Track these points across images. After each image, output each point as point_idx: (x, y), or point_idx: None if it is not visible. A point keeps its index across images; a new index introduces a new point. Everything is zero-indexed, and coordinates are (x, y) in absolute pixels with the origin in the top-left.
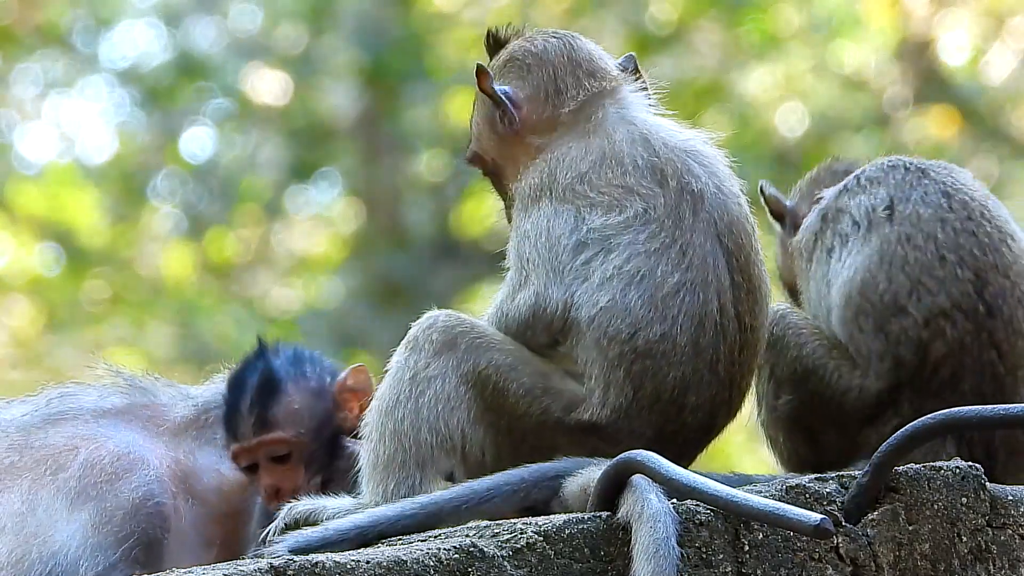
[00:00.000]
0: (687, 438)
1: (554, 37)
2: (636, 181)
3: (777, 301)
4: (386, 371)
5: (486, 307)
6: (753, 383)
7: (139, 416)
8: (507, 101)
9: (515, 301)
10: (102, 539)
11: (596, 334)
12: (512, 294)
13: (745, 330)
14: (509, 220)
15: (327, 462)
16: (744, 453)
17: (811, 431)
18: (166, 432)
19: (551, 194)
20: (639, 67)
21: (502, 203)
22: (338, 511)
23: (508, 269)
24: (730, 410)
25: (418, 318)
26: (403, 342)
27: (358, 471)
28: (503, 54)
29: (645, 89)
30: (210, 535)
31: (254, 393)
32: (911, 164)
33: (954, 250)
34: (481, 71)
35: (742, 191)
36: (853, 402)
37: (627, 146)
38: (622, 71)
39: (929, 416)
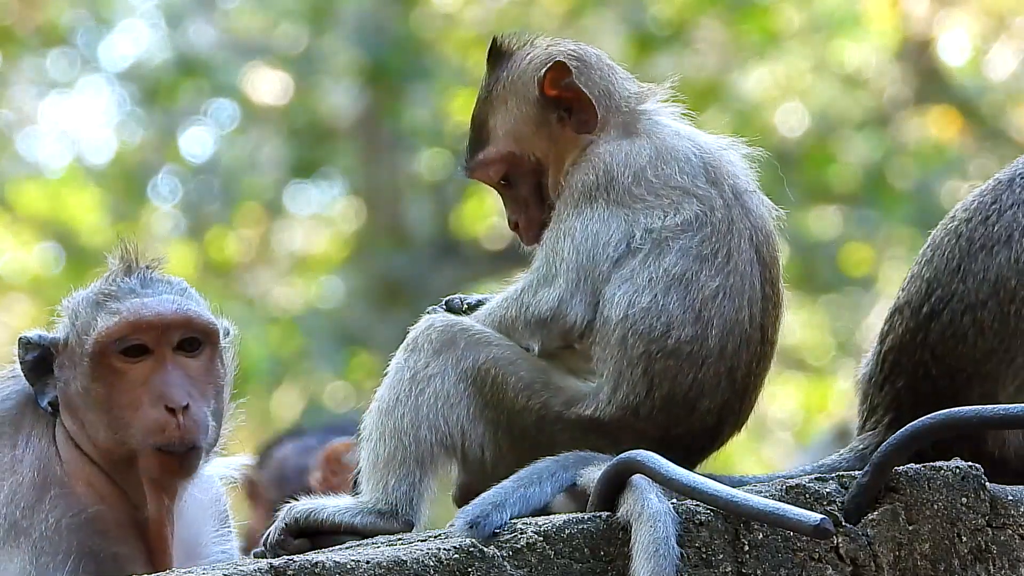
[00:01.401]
0: (691, 442)
1: (583, 45)
2: (691, 181)
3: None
4: (385, 373)
5: (502, 289)
6: None
7: (26, 417)
8: (592, 102)
9: (536, 295)
10: (44, 569)
11: (623, 331)
12: (535, 287)
13: (766, 343)
14: (534, 226)
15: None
16: (744, 453)
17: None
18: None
19: (608, 195)
20: None
21: (522, 210)
22: (338, 510)
23: (536, 258)
24: (738, 420)
25: (416, 321)
26: (402, 345)
27: (357, 472)
28: (535, 58)
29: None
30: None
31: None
32: None
33: (935, 248)
34: (561, 67)
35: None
36: (859, 382)
37: (676, 141)
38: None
39: (929, 416)
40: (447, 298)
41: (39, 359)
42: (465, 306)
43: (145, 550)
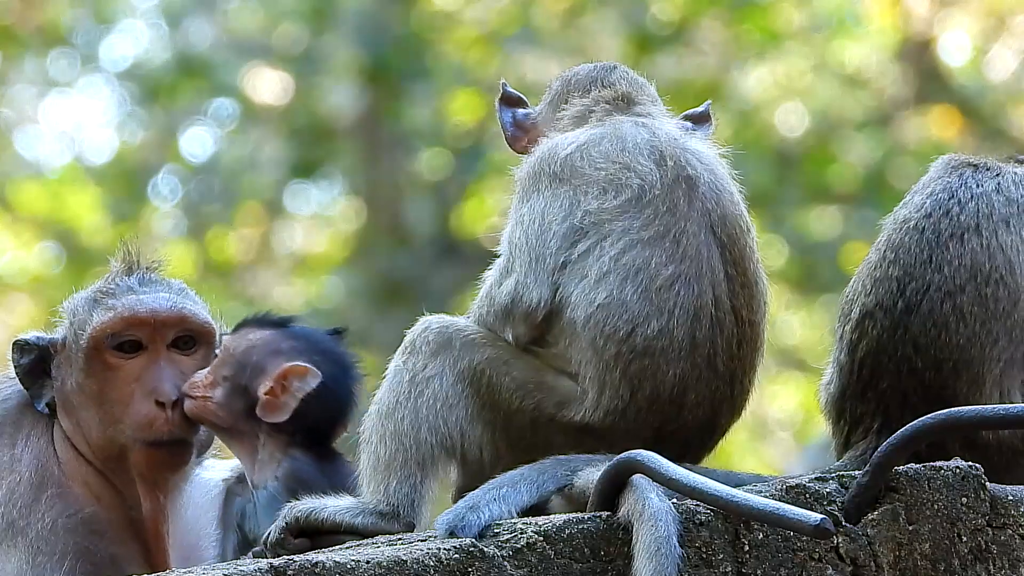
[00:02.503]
0: (688, 438)
1: (592, 64)
2: (633, 158)
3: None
4: (383, 377)
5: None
6: None
7: (26, 417)
8: (506, 123)
9: (501, 287)
10: (41, 569)
11: (592, 333)
12: (499, 280)
13: (743, 324)
14: None
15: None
16: (746, 452)
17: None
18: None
19: (549, 169)
20: (711, 115)
21: None
22: (339, 509)
23: (499, 255)
24: (733, 407)
25: (413, 325)
26: (400, 348)
27: (358, 475)
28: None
29: (705, 125)
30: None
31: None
32: (975, 162)
33: (895, 248)
34: (501, 93)
35: (740, 191)
36: (826, 403)
37: (629, 128)
38: (691, 117)
39: (929, 416)
40: None
41: (36, 361)
42: None
43: (142, 551)
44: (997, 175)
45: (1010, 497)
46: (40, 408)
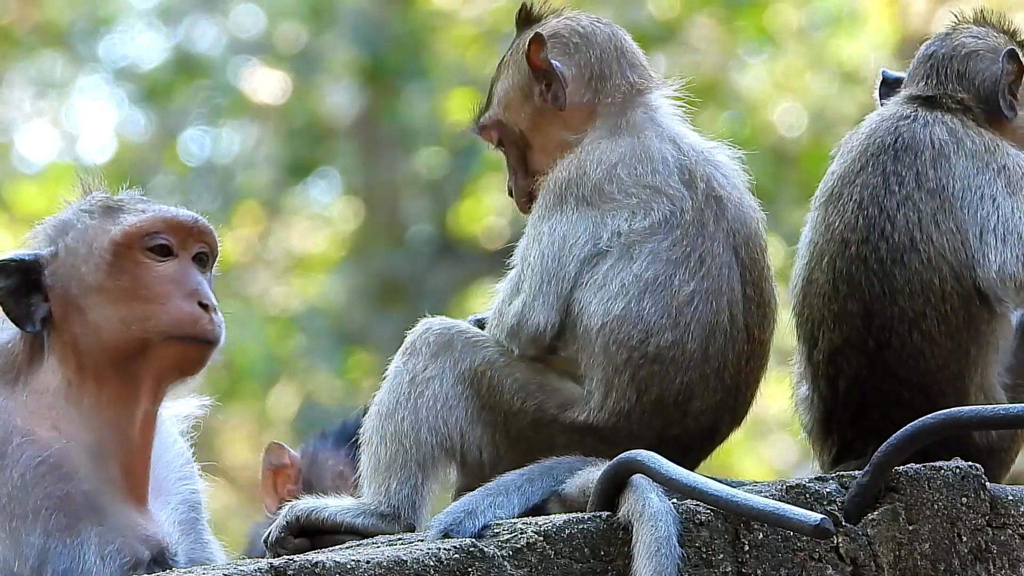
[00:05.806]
0: (689, 443)
1: (600, 23)
2: (664, 180)
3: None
4: (384, 378)
5: (491, 301)
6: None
7: None
8: (561, 77)
9: (510, 305)
10: (17, 534)
11: (605, 340)
12: (509, 296)
13: (753, 341)
14: (522, 195)
15: None
16: (744, 452)
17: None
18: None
19: (578, 192)
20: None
21: (512, 177)
22: (340, 510)
23: (512, 267)
24: (734, 417)
25: (414, 324)
26: (400, 350)
27: (359, 476)
28: (546, 28)
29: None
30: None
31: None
32: (894, 138)
33: (846, 280)
34: (537, 40)
35: (758, 205)
36: (810, 424)
37: (657, 142)
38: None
39: (929, 416)
40: (474, 316)
41: (19, 281)
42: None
43: (121, 468)
44: (915, 156)
45: (1010, 497)
46: (33, 328)
